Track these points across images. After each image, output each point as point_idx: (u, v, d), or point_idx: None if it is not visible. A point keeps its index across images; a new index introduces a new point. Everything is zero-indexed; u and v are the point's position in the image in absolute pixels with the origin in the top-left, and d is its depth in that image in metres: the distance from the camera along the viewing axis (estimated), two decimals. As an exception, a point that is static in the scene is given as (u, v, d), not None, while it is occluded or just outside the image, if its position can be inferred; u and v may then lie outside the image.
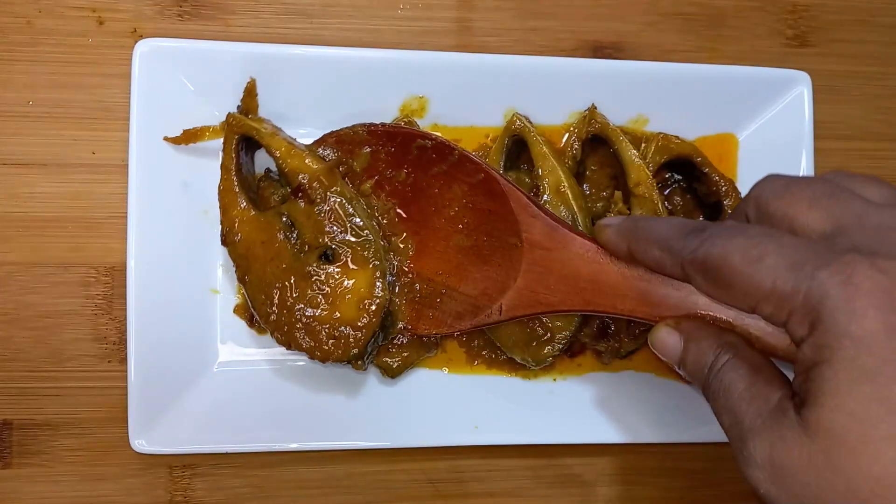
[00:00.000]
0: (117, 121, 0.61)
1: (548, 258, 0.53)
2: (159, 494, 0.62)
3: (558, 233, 0.53)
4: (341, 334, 0.56)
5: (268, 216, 0.57)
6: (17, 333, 0.60)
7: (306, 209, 0.57)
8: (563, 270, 0.53)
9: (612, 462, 0.66)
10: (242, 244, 0.57)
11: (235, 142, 0.57)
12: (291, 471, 0.63)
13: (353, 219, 0.56)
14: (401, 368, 0.60)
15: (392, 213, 0.59)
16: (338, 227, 0.56)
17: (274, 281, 0.56)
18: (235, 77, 0.58)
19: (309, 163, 0.57)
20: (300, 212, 0.57)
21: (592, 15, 0.66)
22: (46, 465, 0.61)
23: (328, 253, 0.56)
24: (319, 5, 0.63)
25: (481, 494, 0.65)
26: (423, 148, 0.57)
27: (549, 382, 0.64)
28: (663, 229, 0.44)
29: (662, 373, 0.66)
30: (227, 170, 0.57)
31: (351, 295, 0.56)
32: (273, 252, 0.57)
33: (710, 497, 0.68)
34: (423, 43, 0.64)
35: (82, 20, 0.61)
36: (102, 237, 0.61)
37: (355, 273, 0.56)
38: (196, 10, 0.62)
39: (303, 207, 0.57)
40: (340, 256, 0.56)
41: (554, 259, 0.53)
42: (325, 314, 0.56)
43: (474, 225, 0.57)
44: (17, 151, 0.60)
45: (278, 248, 0.56)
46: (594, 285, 0.51)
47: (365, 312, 0.56)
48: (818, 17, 0.69)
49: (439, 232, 0.58)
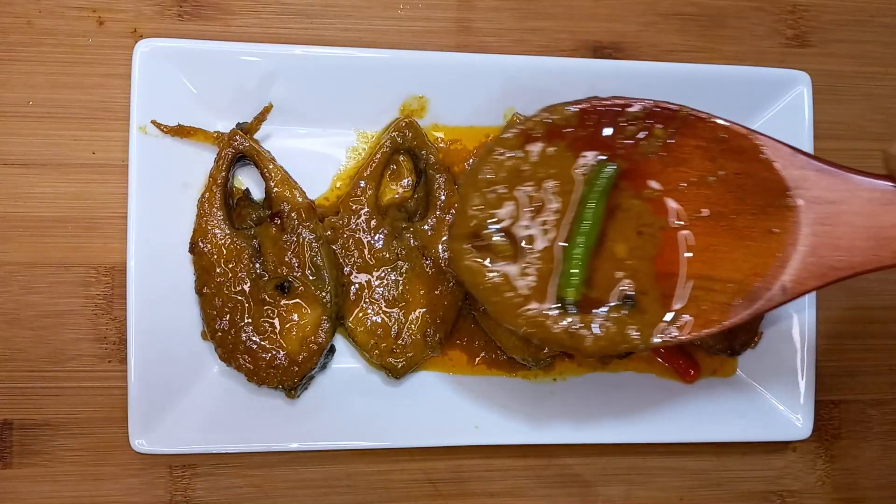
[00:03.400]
0: (117, 121, 0.61)
1: (834, 213, 0.44)
2: (159, 494, 0.62)
3: (840, 179, 0.44)
4: (280, 365, 0.57)
5: (240, 236, 0.58)
6: (17, 333, 0.60)
7: (276, 236, 0.58)
8: (857, 223, 0.43)
9: (612, 462, 0.66)
10: (208, 257, 0.58)
11: (231, 156, 0.58)
12: (291, 471, 0.63)
13: (315, 258, 0.58)
14: (406, 369, 0.60)
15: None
16: (297, 261, 0.58)
17: (228, 300, 0.57)
18: (235, 77, 0.59)
19: (296, 195, 0.59)
20: (270, 237, 0.58)
21: (592, 15, 0.66)
22: (46, 465, 0.61)
23: (285, 285, 0.58)
24: (319, 5, 0.64)
25: (481, 494, 0.65)
26: (634, 119, 0.47)
27: (549, 382, 0.64)
28: None
29: (662, 373, 0.66)
30: (215, 181, 0.58)
31: (297, 330, 0.58)
32: (235, 272, 0.58)
33: (710, 497, 0.68)
34: (423, 43, 0.64)
35: (82, 20, 0.61)
36: (102, 237, 0.61)
37: (305, 311, 0.58)
38: (196, 10, 0.62)
39: (273, 233, 0.58)
40: (295, 291, 0.58)
41: (842, 212, 0.44)
42: (269, 343, 0.57)
43: (717, 195, 0.47)
44: (17, 151, 0.60)
45: (241, 270, 0.58)
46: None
47: (307, 349, 0.58)
48: (818, 17, 0.69)
49: (671, 215, 0.49)
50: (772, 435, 0.65)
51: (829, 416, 0.70)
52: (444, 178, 0.61)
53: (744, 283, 0.46)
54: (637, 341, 0.47)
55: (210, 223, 0.58)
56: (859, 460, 0.70)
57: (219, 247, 0.58)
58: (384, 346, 0.60)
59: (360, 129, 0.62)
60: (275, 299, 0.58)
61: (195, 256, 0.58)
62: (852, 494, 0.70)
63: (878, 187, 0.43)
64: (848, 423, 0.70)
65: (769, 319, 0.64)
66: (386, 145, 0.61)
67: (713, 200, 0.47)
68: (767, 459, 0.68)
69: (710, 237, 0.47)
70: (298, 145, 0.62)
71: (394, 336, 0.60)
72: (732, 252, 0.47)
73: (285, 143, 0.61)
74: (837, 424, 0.70)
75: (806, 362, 0.65)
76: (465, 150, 0.63)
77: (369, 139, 0.63)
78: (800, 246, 0.45)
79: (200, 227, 0.58)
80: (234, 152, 0.58)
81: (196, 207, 0.59)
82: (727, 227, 0.47)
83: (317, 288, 0.58)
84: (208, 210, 0.58)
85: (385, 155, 0.61)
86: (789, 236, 0.45)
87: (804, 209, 0.45)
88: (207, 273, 0.58)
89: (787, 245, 0.45)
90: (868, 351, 0.70)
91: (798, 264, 0.45)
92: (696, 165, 0.47)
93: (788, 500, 0.69)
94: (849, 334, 0.70)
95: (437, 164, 0.61)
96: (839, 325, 0.69)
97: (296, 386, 0.59)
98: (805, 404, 0.64)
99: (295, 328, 0.58)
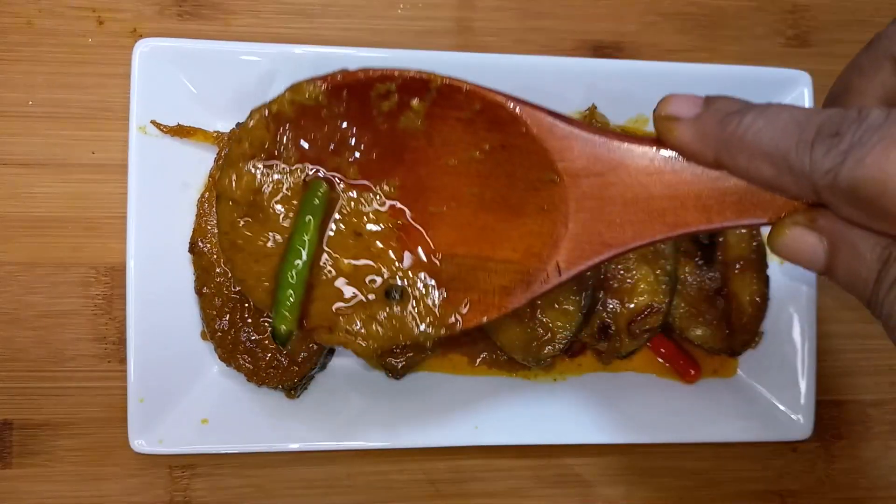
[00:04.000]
0: (117, 121, 0.61)
1: (601, 185, 0.40)
2: (159, 494, 0.62)
3: (606, 148, 0.40)
4: (280, 364, 0.57)
5: None
6: (17, 333, 0.60)
7: None
8: (626, 195, 0.40)
9: (612, 462, 0.66)
10: (208, 257, 0.58)
11: None
12: (291, 471, 0.63)
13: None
14: (406, 369, 0.60)
15: (370, 188, 0.45)
16: None
17: (228, 300, 0.57)
18: (235, 77, 0.58)
19: None
20: None
21: (592, 15, 0.66)
22: (46, 465, 0.61)
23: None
24: (319, 5, 0.63)
25: (481, 494, 0.65)
26: (385, 95, 0.43)
27: (550, 382, 0.64)
28: (772, 135, 0.33)
29: (663, 373, 0.66)
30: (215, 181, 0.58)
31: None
32: None
33: (710, 497, 0.68)
34: (424, 43, 0.64)
35: (82, 20, 0.61)
36: (102, 237, 0.61)
37: None
38: (196, 10, 0.62)
39: None
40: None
41: (610, 184, 0.40)
42: (269, 342, 0.57)
43: (487, 170, 0.43)
44: (17, 151, 0.60)
45: None
46: (674, 201, 0.39)
47: (307, 349, 0.57)
48: (818, 17, 0.69)
49: (442, 193, 0.45)
50: (772, 435, 0.65)
51: (830, 416, 0.70)
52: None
53: (522, 264, 0.43)
54: (416, 333, 0.45)
55: (210, 223, 0.58)
56: (859, 460, 0.70)
57: (216, 247, 0.58)
58: (384, 346, 0.60)
59: (360, 129, 0.62)
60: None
61: (195, 256, 0.58)
62: (852, 494, 0.70)
63: (647, 155, 0.39)
64: (848, 423, 0.70)
65: (769, 319, 0.64)
66: (386, 145, 0.61)
67: (485, 175, 0.43)
68: (767, 459, 0.68)
69: (486, 214, 0.44)
70: (298, 145, 0.62)
71: (394, 336, 0.60)
72: (510, 230, 0.43)
73: (285, 143, 0.61)
74: (838, 424, 0.70)
75: (806, 362, 0.65)
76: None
77: (369, 139, 0.63)
78: (570, 223, 0.41)
79: (200, 227, 0.58)
80: None
81: (196, 207, 0.58)
82: (501, 203, 0.43)
83: None
84: (208, 210, 0.58)
85: (385, 155, 0.61)
86: (559, 213, 0.41)
87: (570, 183, 0.41)
88: (207, 273, 0.58)
89: (557, 223, 0.42)
90: (868, 351, 0.70)
91: (569, 243, 0.41)
92: (461, 139, 0.43)
93: (788, 500, 0.69)
94: (849, 334, 0.70)
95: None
96: (839, 325, 0.69)
97: (296, 386, 0.58)
98: (805, 404, 0.64)
99: None
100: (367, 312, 0.45)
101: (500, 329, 0.60)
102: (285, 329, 0.44)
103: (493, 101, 0.42)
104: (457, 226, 0.44)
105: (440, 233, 0.45)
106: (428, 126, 0.43)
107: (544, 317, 0.59)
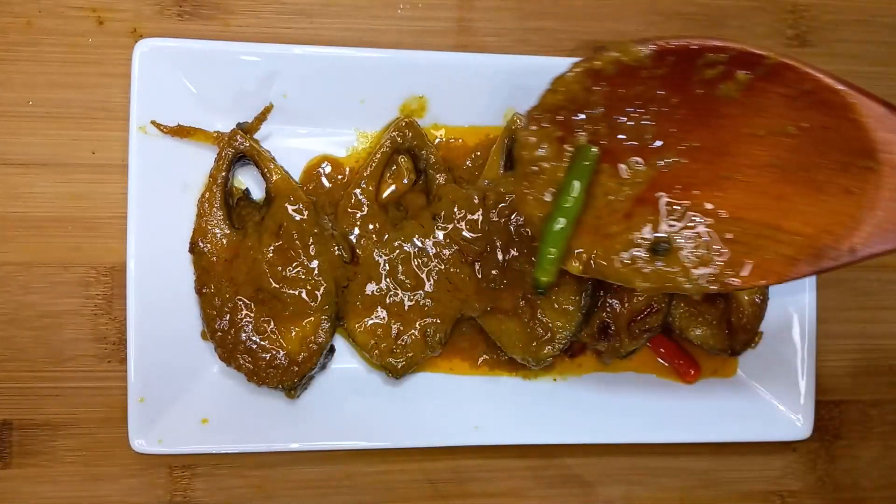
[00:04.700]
0: (117, 121, 0.61)
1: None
2: (159, 494, 0.62)
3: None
4: (280, 365, 0.57)
5: (239, 235, 0.58)
6: (17, 333, 0.60)
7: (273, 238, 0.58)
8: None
9: (612, 462, 0.66)
10: (208, 257, 0.58)
11: (231, 156, 0.58)
12: (291, 471, 0.63)
13: (314, 260, 0.58)
14: (406, 369, 0.60)
15: (669, 138, 0.48)
16: (298, 261, 0.58)
17: (229, 300, 0.57)
18: (235, 77, 0.59)
19: (299, 195, 0.59)
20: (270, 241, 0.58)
21: (592, 15, 0.66)
22: (46, 465, 0.61)
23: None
24: (319, 5, 0.63)
25: (481, 494, 0.65)
26: (712, 64, 0.45)
27: (550, 382, 0.64)
28: None
29: (662, 373, 0.66)
30: (215, 181, 0.58)
31: (298, 330, 0.57)
32: (235, 272, 0.58)
33: (710, 497, 0.68)
34: (423, 43, 0.64)
35: (82, 20, 0.61)
36: (102, 237, 0.61)
37: None
38: (196, 10, 0.62)
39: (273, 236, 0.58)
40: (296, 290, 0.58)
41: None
42: (269, 343, 0.57)
43: (797, 145, 0.45)
44: (17, 151, 0.60)
45: (240, 270, 0.58)
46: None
47: (306, 349, 0.58)
48: (818, 17, 0.69)
49: (740, 159, 0.46)
50: (772, 435, 0.65)
51: (830, 416, 0.70)
52: (443, 178, 0.61)
53: (813, 239, 0.44)
54: (686, 285, 0.47)
55: (210, 223, 0.58)
56: (859, 460, 0.70)
57: (217, 246, 0.58)
58: (384, 346, 0.60)
59: (360, 128, 0.62)
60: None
61: (195, 256, 0.58)
62: (852, 494, 0.70)
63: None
64: (848, 423, 0.70)
65: (769, 319, 0.64)
66: (386, 145, 0.61)
67: (793, 149, 0.45)
68: (767, 459, 0.68)
69: (785, 186, 0.45)
70: (298, 145, 0.62)
71: (394, 336, 0.60)
72: (807, 205, 0.45)
73: (285, 143, 0.61)
74: (837, 424, 0.70)
75: (806, 362, 0.65)
76: (465, 147, 0.63)
77: (369, 139, 0.63)
78: (878, 210, 0.43)
79: (200, 227, 0.58)
80: (234, 152, 0.58)
81: (196, 207, 0.59)
82: (805, 178, 0.45)
83: (315, 287, 0.58)
84: (208, 210, 0.58)
85: (385, 155, 0.61)
86: (867, 198, 0.43)
87: (888, 173, 0.42)
88: (207, 273, 0.58)
89: (863, 207, 0.43)
90: (868, 351, 0.70)
91: (872, 228, 0.43)
92: (778, 113, 0.45)
93: (788, 500, 0.69)
94: (849, 334, 0.70)
95: (437, 163, 0.61)
96: (839, 325, 0.69)
97: (296, 386, 0.58)
98: (805, 404, 0.64)
99: (297, 328, 0.58)
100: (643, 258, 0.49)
101: (500, 329, 0.60)
102: (546, 280, 0.51)
103: (826, 85, 0.43)
104: (750, 192, 0.47)
105: (730, 195, 0.47)
106: (744, 96, 0.45)
107: (544, 317, 0.59)
